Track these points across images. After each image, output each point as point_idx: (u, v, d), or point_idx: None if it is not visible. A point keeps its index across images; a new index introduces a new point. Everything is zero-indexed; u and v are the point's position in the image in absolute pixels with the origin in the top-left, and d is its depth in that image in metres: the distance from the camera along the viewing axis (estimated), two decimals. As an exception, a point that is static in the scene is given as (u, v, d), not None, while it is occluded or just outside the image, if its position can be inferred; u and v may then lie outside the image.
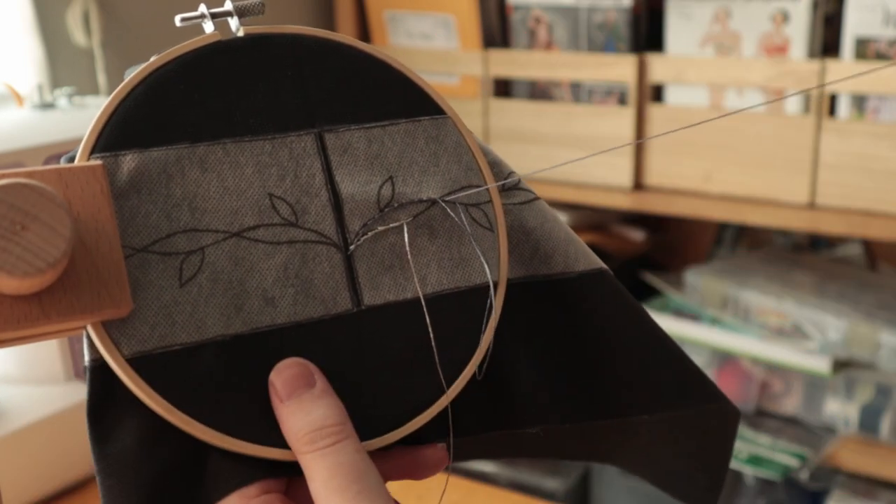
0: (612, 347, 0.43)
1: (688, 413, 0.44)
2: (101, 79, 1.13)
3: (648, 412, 0.42)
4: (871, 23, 1.06)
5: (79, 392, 0.79)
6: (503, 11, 1.31)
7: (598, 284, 0.43)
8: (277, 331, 0.36)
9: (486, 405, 0.40)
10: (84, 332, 0.34)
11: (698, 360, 1.31)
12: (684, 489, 0.50)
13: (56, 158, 0.72)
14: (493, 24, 1.32)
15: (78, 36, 1.11)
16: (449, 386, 0.39)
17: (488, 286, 0.40)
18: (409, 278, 0.39)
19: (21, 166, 0.70)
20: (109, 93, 0.44)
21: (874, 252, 1.39)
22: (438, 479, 0.41)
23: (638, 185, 1.24)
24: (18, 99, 0.86)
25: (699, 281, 1.31)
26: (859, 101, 1.09)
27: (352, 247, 0.38)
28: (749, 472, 1.23)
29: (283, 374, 0.36)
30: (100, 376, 0.34)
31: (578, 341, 0.42)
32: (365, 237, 0.39)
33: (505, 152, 1.33)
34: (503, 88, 1.33)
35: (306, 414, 0.35)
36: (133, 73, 0.37)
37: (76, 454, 0.78)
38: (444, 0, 1.29)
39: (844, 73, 1.07)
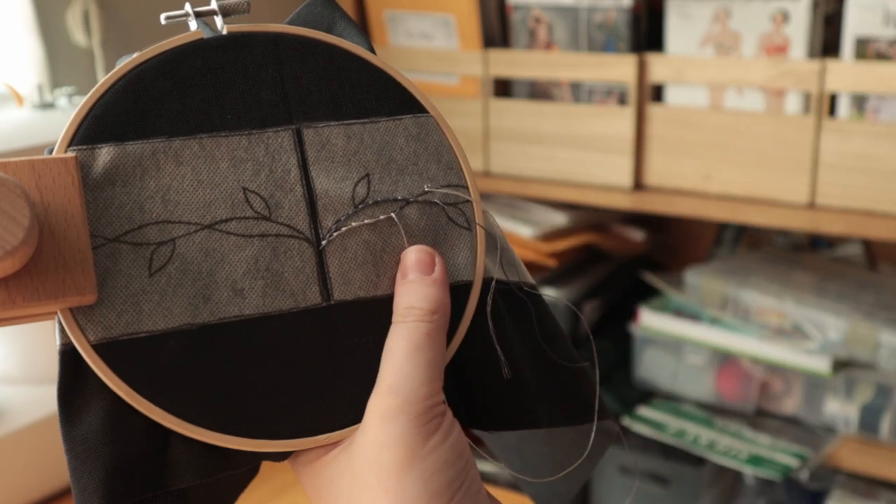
0: (549, 360, 0.43)
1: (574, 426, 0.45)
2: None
3: (554, 424, 0.43)
4: (871, 23, 1.06)
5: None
6: (503, 11, 1.31)
7: (542, 300, 0.45)
8: (245, 321, 0.37)
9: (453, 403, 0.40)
10: (56, 318, 0.35)
11: (698, 360, 1.31)
12: (542, 491, 0.52)
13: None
14: (493, 24, 1.32)
15: (78, 36, 1.10)
16: None
17: (463, 285, 0.41)
18: (381, 275, 0.40)
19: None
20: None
21: (874, 252, 1.39)
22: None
23: (638, 185, 1.24)
24: (18, 99, 0.86)
25: (699, 281, 1.31)
26: (859, 101, 1.09)
27: (323, 242, 0.39)
28: (749, 472, 1.23)
29: (411, 257, 0.40)
30: (69, 361, 0.35)
31: (530, 350, 0.43)
32: (337, 233, 0.39)
33: (505, 152, 1.33)
34: (503, 88, 1.33)
35: (409, 293, 0.39)
36: (122, 64, 0.38)
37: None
38: (444, 0, 1.29)
39: (845, 73, 1.07)
